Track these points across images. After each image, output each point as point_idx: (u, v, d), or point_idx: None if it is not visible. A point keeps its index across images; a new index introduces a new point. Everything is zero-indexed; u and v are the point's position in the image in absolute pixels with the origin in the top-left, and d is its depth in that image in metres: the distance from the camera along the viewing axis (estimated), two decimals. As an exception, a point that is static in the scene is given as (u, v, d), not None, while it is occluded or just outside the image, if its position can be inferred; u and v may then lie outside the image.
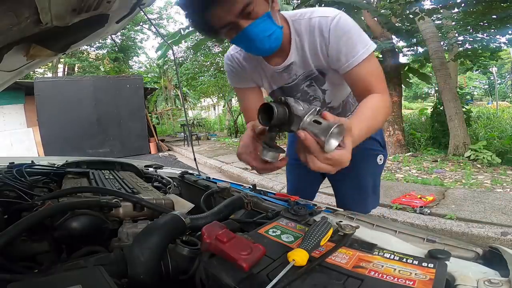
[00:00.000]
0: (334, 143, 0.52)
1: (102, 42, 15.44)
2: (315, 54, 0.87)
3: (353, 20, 0.82)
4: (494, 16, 4.81)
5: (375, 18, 5.31)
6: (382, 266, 0.42)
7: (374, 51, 0.82)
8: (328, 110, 1.04)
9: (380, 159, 1.16)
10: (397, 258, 0.44)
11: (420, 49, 6.86)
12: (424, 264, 0.42)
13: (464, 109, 5.38)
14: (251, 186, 0.96)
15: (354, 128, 0.60)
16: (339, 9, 0.83)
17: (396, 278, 0.39)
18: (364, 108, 0.77)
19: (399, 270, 0.41)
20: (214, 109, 19.13)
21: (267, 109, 0.54)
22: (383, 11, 5.56)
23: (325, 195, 3.23)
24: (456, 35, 6.11)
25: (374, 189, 1.20)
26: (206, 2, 0.70)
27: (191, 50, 11.05)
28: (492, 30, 5.38)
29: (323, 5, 4.86)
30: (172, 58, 10.98)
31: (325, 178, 1.31)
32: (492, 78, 18.36)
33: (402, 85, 6.08)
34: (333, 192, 1.29)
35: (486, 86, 23.72)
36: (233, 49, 1.01)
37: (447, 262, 0.43)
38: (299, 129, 0.54)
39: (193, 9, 0.74)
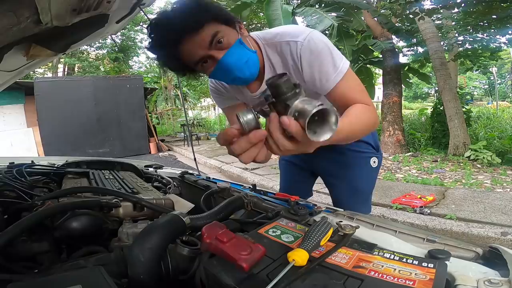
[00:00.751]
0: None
1: (102, 42, 15.44)
2: None
3: (325, 36, 0.81)
4: (494, 16, 4.82)
5: (375, 18, 5.31)
6: (382, 266, 0.42)
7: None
8: None
9: (374, 162, 1.15)
10: (397, 258, 0.44)
11: (420, 49, 6.87)
12: (424, 264, 0.42)
13: (464, 109, 5.38)
14: (251, 186, 0.96)
15: None
16: (339, 9, 0.82)
17: (396, 278, 0.39)
18: (345, 115, 0.76)
19: (399, 270, 0.41)
20: (214, 109, 19.10)
21: (282, 74, 0.49)
22: (383, 11, 5.56)
23: (325, 195, 3.23)
24: (456, 35, 6.11)
25: (367, 194, 1.19)
26: (174, 40, 0.70)
27: (191, 50, 11.04)
28: (492, 30, 5.38)
29: (323, 5, 4.86)
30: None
31: (316, 177, 1.31)
32: (492, 78, 18.36)
33: (402, 85, 6.07)
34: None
35: (486, 86, 23.73)
36: None
37: (447, 262, 0.43)
38: (289, 109, 0.48)
39: (163, 50, 0.74)
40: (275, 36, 0.83)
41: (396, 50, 5.99)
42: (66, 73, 15.25)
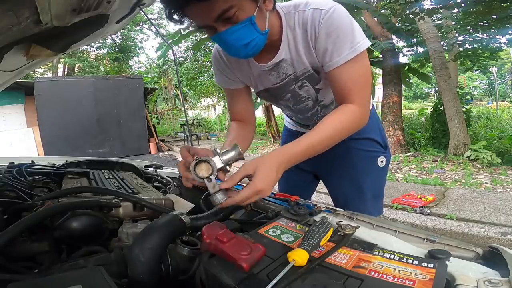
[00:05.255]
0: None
1: (102, 42, 15.44)
2: (308, 50, 0.82)
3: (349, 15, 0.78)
4: (494, 16, 4.81)
5: (375, 18, 5.31)
6: (382, 266, 0.42)
7: (370, 48, 0.79)
8: (321, 108, 1.01)
9: (382, 161, 1.09)
10: (397, 258, 0.44)
11: (420, 49, 6.86)
12: (424, 264, 0.42)
13: (464, 109, 5.38)
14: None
15: (285, 152, 0.70)
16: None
17: (396, 278, 0.39)
18: (318, 126, 0.75)
19: (399, 270, 0.41)
20: (214, 109, 19.12)
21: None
22: (383, 11, 5.57)
23: (325, 195, 3.22)
24: (456, 35, 6.11)
25: (375, 194, 1.12)
26: (183, 0, 0.66)
27: (191, 50, 11.08)
28: (492, 30, 5.38)
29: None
30: (172, 58, 10.99)
31: (319, 181, 1.26)
32: (492, 78, 18.36)
33: (402, 85, 6.07)
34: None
35: (486, 86, 23.72)
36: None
37: (447, 262, 0.43)
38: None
39: (171, 5, 0.69)
40: (299, 5, 0.80)
41: (396, 50, 5.99)
42: (66, 73, 15.24)
